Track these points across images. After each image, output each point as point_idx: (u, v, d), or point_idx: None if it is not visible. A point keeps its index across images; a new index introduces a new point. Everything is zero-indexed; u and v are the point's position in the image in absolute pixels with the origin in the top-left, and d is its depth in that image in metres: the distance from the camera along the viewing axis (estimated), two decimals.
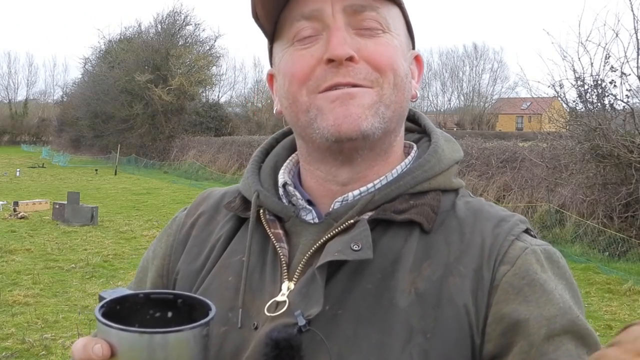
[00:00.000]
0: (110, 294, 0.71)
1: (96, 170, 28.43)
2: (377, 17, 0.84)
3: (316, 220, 0.88)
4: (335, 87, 0.82)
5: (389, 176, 0.88)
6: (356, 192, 0.87)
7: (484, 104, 63.28)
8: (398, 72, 0.85)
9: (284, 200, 0.91)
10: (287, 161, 0.97)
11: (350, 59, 0.81)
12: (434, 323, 0.78)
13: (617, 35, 10.58)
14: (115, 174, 26.63)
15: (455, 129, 49.68)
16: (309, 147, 0.89)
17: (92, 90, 37.04)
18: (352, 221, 0.84)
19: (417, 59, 0.94)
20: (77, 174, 27.28)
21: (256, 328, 0.82)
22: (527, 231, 0.87)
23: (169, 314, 0.73)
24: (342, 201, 0.87)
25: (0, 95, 67.85)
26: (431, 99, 68.95)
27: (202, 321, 0.67)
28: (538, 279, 0.80)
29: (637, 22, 10.34)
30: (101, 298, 0.71)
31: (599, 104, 10.99)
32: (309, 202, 0.89)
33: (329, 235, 0.84)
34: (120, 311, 0.70)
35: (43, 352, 5.43)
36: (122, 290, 0.73)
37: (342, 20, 0.82)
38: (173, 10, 36.50)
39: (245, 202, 0.94)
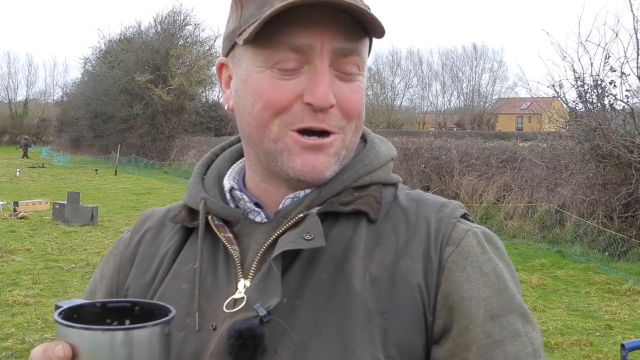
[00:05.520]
0: (67, 304, 0.72)
1: (96, 170, 28.44)
2: (358, 61, 0.86)
3: (265, 221, 0.90)
4: (308, 130, 0.85)
5: None
6: (307, 190, 0.90)
7: (484, 104, 63.31)
8: (361, 116, 0.89)
9: (232, 205, 0.93)
10: (230, 169, 0.99)
11: (330, 106, 0.84)
12: (390, 304, 0.83)
13: (617, 36, 10.59)
14: (115, 174, 26.64)
15: (455, 129, 49.67)
16: (263, 166, 0.90)
17: (92, 90, 37.08)
18: (301, 215, 0.87)
19: None
20: (77, 174, 27.29)
21: (215, 329, 0.85)
22: (464, 216, 0.91)
23: (127, 322, 0.73)
24: (292, 198, 0.90)
25: (0, 95, 67.91)
26: (431, 100, 69.03)
27: (164, 319, 0.68)
28: (477, 261, 0.85)
29: (636, 22, 10.35)
30: (57, 307, 0.71)
31: (598, 104, 10.99)
32: (257, 205, 0.92)
33: (280, 231, 0.87)
34: (77, 320, 0.70)
35: None
36: (79, 300, 0.74)
37: (327, 62, 0.84)
38: (172, 11, 36.59)
39: (192, 213, 0.95)
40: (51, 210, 13.46)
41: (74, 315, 0.71)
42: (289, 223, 0.87)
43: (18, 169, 26.98)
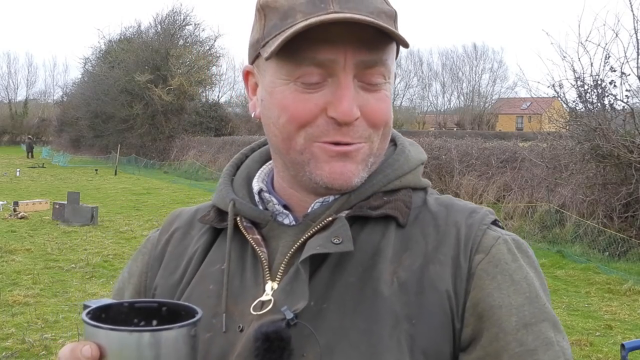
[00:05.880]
0: (95, 303, 0.72)
1: (96, 170, 28.43)
2: (384, 71, 0.85)
3: (294, 223, 0.90)
4: (334, 143, 0.84)
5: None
6: (336, 194, 0.90)
7: (484, 104, 63.34)
8: (388, 124, 0.88)
9: (260, 207, 0.94)
10: (259, 171, 0.99)
11: (354, 120, 0.84)
12: (418, 309, 0.82)
13: (617, 36, 10.60)
14: (115, 174, 26.63)
15: (455, 129, 49.67)
16: (290, 174, 0.90)
17: (92, 90, 37.07)
18: (330, 219, 0.86)
19: None
20: (77, 174, 27.29)
21: (241, 330, 0.85)
22: (495, 222, 0.91)
23: (154, 323, 0.73)
24: (322, 202, 0.90)
25: (0, 95, 67.96)
26: (431, 99, 69.07)
27: (191, 320, 0.68)
28: (508, 269, 0.84)
29: (637, 22, 10.35)
30: (85, 307, 0.72)
31: (598, 104, 10.99)
32: (285, 207, 0.92)
33: (308, 234, 0.87)
34: (104, 320, 0.70)
35: (43, 352, 5.44)
36: (107, 300, 0.74)
37: (351, 74, 0.83)
38: (172, 10, 36.54)
39: (221, 214, 0.95)
40: (51, 210, 13.46)
41: (102, 315, 0.71)
42: (318, 226, 0.86)
43: (18, 169, 26.97)
